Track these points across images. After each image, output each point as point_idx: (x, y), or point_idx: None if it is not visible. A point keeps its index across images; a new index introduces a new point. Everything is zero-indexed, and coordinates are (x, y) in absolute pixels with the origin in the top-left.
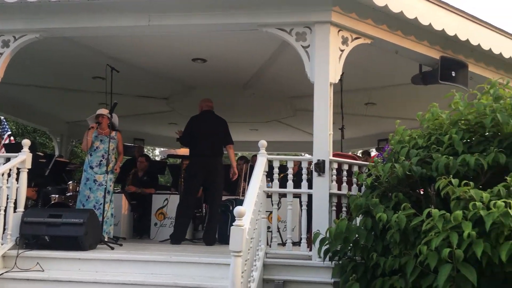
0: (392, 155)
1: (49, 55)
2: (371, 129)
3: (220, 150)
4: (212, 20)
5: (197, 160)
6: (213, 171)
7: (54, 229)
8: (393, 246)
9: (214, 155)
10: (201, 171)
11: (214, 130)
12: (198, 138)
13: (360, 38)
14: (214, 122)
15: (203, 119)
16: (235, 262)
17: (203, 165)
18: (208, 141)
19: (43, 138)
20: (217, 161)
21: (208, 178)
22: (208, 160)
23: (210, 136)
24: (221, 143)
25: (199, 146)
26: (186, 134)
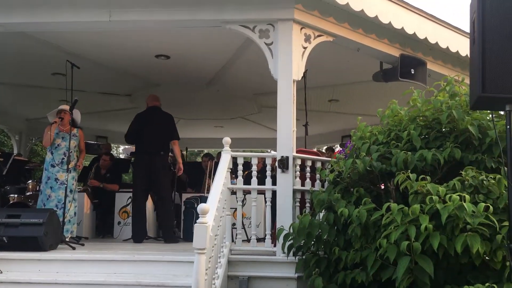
0: (353, 151)
1: (6, 50)
2: (335, 125)
3: (164, 146)
4: (175, 16)
5: (141, 157)
6: (157, 168)
7: (12, 229)
8: (354, 240)
9: (157, 152)
10: (145, 168)
11: (158, 127)
12: (142, 135)
13: (323, 35)
14: (158, 118)
15: (148, 116)
16: (199, 260)
17: (146, 162)
18: (152, 138)
19: (1, 137)
20: (161, 158)
21: (152, 176)
22: (152, 157)
23: (154, 132)
24: (166, 140)
25: (143, 143)
26: (131, 131)
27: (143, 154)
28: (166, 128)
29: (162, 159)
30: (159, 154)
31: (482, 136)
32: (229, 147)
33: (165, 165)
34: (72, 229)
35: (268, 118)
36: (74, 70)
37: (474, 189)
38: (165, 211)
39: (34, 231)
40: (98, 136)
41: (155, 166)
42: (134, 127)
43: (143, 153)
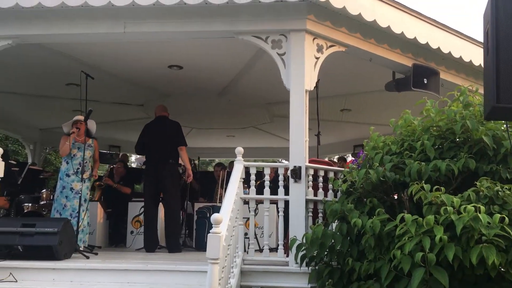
0: (366, 161)
1: (22, 61)
2: (347, 135)
3: (172, 155)
4: (188, 27)
5: (149, 167)
6: (165, 177)
7: (27, 238)
8: (368, 251)
9: (165, 161)
10: (154, 177)
11: (165, 136)
12: (150, 145)
13: (335, 46)
14: (165, 127)
15: (155, 126)
16: (212, 270)
17: (154, 171)
18: (159, 147)
19: (16, 146)
20: (168, 167)
21: (160, 184)
22: (159, 166)
23: (162, 141)
24: (174, 148)
25: (151, 153)
26: (140, 142)
27: (152, 164)
28: (173, 135)
29: (171, 167)
30: (168, 162)
31: (496, 147)
32: (241, 156)
33: (174, 174)
34: (85, 239)
35: (280, 127)
36: (88, 81)
37: (489, 200)
38: (171, 220)
39: (48, 240)
40: (111, 146)
41: (163, 175)
42: (143, 137)
43: (152, 163)
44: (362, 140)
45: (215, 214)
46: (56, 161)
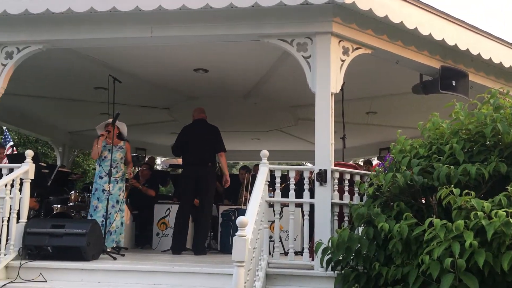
0: (393, 164)
1: (51, 65)
2: (373, 138)
3: (211, 158)
4: (214, 31)
5: (187, 169)
6: (203, 180)
7: (57, 239)
8: (395, 255)
9: (204, 164)
10: (191, 180)
11: (205, 139)
12: (188, 147)
13: (361, 48)
14: (205, 130)
15: (194, 128)
16: (238, 272)
17: (193, 174)
18: (198, 150)
19: (45, 148)
20: (206, 170)
21: (198, 187)
22: (198, 169)
23: (201, 145)
24: (213, 152)
25: (189, 155)
26: (177, 143)
27: (190, 166)
28: (213, 140)
29: (209, 170)
30: (207, 165)
31: None
32: (266, 159)
33: (212, 177)
34: (119, 239)
35: (304, 130)
36: (115, 84)
37: None
38: (202, 223)
39: (77, 241)
40: (138, 148)
41: (204, 177)
42: (181, 139)
43: (190, 165)
44: (388, 143)
45: (240, 217)
46: (84, 163)
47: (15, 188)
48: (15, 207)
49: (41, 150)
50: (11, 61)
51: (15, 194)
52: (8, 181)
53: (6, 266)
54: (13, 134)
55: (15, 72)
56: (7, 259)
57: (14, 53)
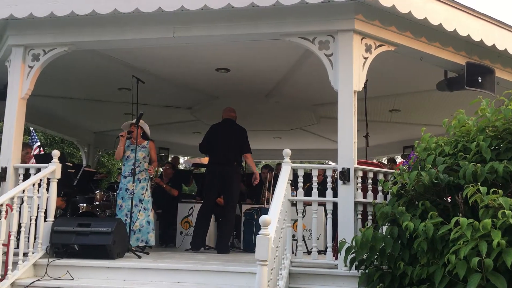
0: (418, 162)
1: (77, 67)
2: (396, 136)
3: (236, 158)
4: (236, 30)
5: (213, 168)
6: (228, 179)
7: (83, 238)
8: (420, 255)
9: (229, 163)
10: (216, 179)
11: (231, 139)
12: (215, 146)
13: (384, 45)
14: (232, 130)
15: (221, 128)
16: (261, 271)
17: (218, 172)
18: (224, 149)
19: (71, 148)
20: (232, 169)
21: (223, 186)
22: (223, 168)
23: (227, 144)
24: (238, 151)
25: (215, 154)
26: (204, 141)
27: (216, 165)
28: (239, 140)
29: (235, 170)
30: (232, 164)
31: None
32: (289, 158)
33: (238, 177)
34: (149, 238)
35: (327, 129)
36: (139, 85)
37: None
38: (226, 222)
39: (103, 239)
40: (160, 148)
41: (229, 176)
42: (208, 137)
43: (216, 164)
44: (412, 141)
45: (263, 215)
46: (109, 163)
47: (43, 188)
48: (42, 206)
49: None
50: (38, 63)
51: (42, 194)
52: (36, 181)
53: (34, 264)
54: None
55: (41, 74)
56: (35, 257)
57: (41, 55)
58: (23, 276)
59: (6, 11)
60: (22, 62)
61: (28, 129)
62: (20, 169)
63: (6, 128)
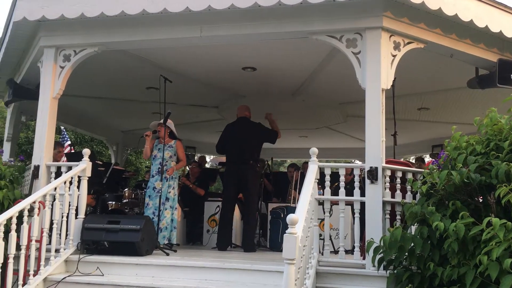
0: (448, 162)
1: (107, 67)
2: (425, 134)
3: (253, 156)
4: (263, 29)
5: (229, 167)
6: (245, 178)
7: (112, 235)
8: (451, 255)
9: (245, 162)
10: (234, 178)
11: (247, 138)
12: (230, 145)
13: (413, 42)
14: (247, 129)
15: (236, 127)
16: (289, 270)
17: (235, 172)
18: (240, 148)
19: (100, 147)
20: (248, 168)
21: (240, 185)
22: (240, 167)
23: (243, 143)
24: (254, 150)
25: (231, 154)
26: (220, 141)
27: (232, 164)
28: (258, 137)
29: (251, 168)
30: (248, 163)
31: None
32: (315, 157)
33: (254, 175)
34: (171, 236)
35: (353, 127)
36: (166, 84)
37: None
38: (249, 221)
39: (132, 236)
40: (187, 147)
41: (244, 175)
42: (224, 137)
43: (232, 163)
44: (441, 140)
45: (291, 214)
46: (136, 162)
47: (74, 185)
48: (73, 204)
49: (96, 149)
50: (69, 63)
51: (73, 191)
52: (67, 179)
53: (66, 260)
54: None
55: (71, 74)
56: (67, 253)
57: (71, 56)
58: (55, 272)
59: (39, 13)
60: (54, 62)
61: (59, 128)
62: (52, 167)
63: (38, 127)
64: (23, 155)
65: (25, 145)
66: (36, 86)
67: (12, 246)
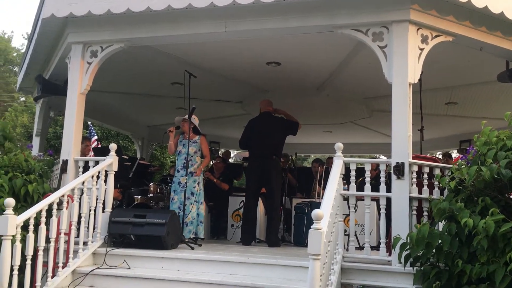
0: (477, 157)
1: (132, 63)
2: (452, 129)
3: (276, 151)
4: (287, 23)
5: (252, 162)
6: (268, 173)
7: (139, 228)
8: (480, 253)
9: (268, 157)
10: (257, 173)
11: (270, 132)
12: (254, 140)
13: (441, 36)
14: (270, 123)
15: (259, 122)
16: (314, 266)
17: (258, 167)
18: (263, 143)
19: (126, 142)
20: (271, 163)
21: (263, 180)
22: (263, 162)
23: (265, 138)
24: (278, 145)
25: (254, 149)
26: (244, 136)
27: (255, 159)
28: (281, 131)
29: (274, 163)
30: (271, 158)
31: None
32: (341, 152)
33: (277, 169)
34: (197, 230)
35: (379, 122)
36: (191, 79)
37: None
38: (273, 215)
39: (157, 230)
40: (211, 142)
41: (267, 170)
42: (247, 132)
43: (255, 158)
44: (469, 135)
45: (316, 210)
46: (161, 156)
47: (101, 180)
48: (101, 197)
49: (122, 143)
50: (96, 59)
51: (100, 185)
52: (95, 173)
53: (93, 252)
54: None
55: (98, 70)
56: (94, 246)
57: (98, 52)
58: (83, 264)
59: (66, 10)
60: (81, 58)
61: (86, 123)
62: (79, 161)
63: (66, 123)
64: (52, 149)
65: (53, 140)
66: (64, 82)
67: (41, 238)
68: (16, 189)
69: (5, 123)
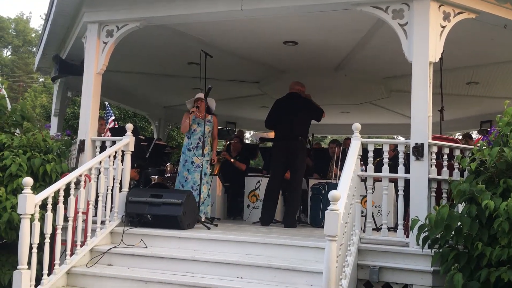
0: (499, 138)
1: (148, 43)
2: (473, 110)
3: (302, 132)
4: (305, 1)
5: (279, 143)
6: (293, 154)
7: (155, 208)
8: (501, 235)
9: (294, 138)
10: (282, 153)
11: (296, 113)
12: (280, 121)
13: (464, 12)
14: (298, 104)
15: (286, 102)
16: (330, 247)
17: (284, 147)
18: (290, 123)
19: (143, 122)
20: (297, 144)
21: (289, 161)
22: (289, 143)
23: (292, 118)
24: (304, 125)
25: (281, 129)
26: (269, 117)
27: (282, 140)
28: (306, 113)
29: (301, 144)
30: (297, 139)
31: None
32: (358, 133)
33: (303, 151)
34: (206, 210)
35: (397, 102)
36: (207, 59)
37: None
38: (293, 197)
39: (174, 210)
40: (228, 122)
41: (294, 151)
42: (273, 112)
43: (281, 139)
44: (491, 116)
45: (333, 191)
46: (178, 137)
47: (118, 160)
48: (118, 177)
49: (139, 124)
50: (112, 39)
51: (117, 165)
52: (111, 153)
53: (111, 232)
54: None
55: (114, 50)
56: (112, 225)
57: (114, 31)
58: (101, 243)
59: None
60: (97, 38)
61: (103, 103)
62: (97, 141)
63: (83, 103)
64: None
65: (71, 120)
66: (81, 62)
67: (60, 217)
68: (35, 169)
69: (24, 103)
